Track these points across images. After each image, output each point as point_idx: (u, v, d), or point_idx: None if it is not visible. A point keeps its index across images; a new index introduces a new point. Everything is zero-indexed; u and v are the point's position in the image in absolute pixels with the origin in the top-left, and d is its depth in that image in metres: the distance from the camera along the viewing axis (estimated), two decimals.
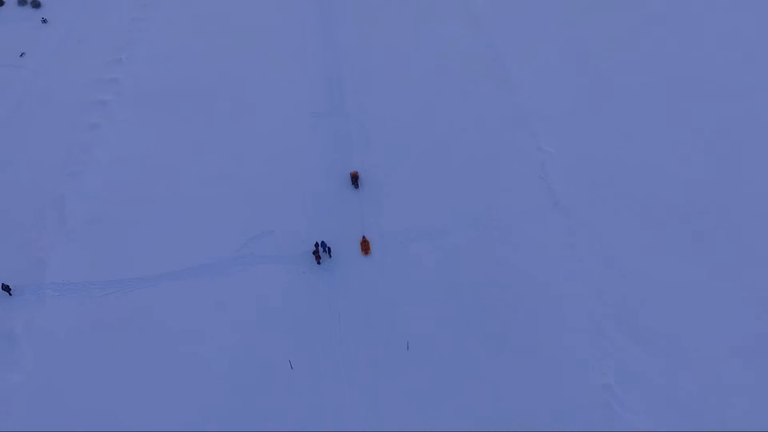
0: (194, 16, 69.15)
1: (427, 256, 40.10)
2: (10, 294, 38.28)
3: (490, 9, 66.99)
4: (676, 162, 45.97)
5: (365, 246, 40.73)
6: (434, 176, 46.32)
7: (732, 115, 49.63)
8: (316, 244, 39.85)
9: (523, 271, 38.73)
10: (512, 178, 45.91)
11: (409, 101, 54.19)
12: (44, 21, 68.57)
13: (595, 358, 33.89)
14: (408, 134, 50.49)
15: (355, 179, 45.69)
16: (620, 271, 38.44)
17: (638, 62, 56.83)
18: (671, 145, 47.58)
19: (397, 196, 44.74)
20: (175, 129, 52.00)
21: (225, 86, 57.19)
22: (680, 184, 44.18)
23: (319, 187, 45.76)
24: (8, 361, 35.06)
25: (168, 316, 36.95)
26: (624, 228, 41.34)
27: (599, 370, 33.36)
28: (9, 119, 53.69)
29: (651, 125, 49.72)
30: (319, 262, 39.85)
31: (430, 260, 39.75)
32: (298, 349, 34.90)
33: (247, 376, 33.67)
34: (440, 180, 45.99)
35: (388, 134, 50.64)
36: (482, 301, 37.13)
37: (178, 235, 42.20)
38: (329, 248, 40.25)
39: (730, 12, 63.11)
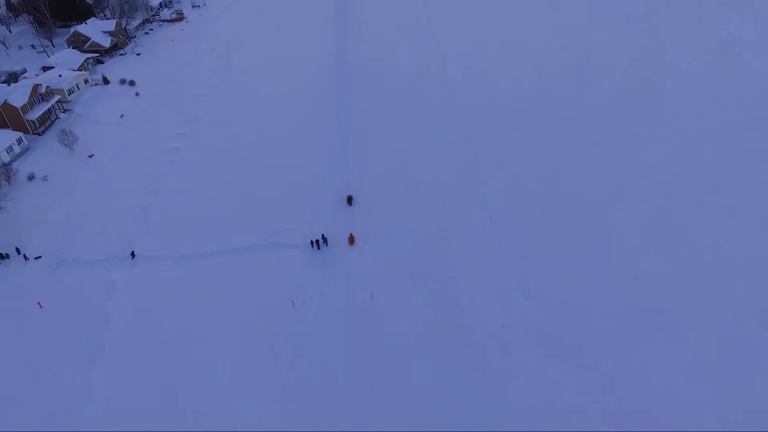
0: (239, 93, 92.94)
1: (393, 247, 57.73)
2: (133, 257, 57.65)
3: (466, 99, 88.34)
4: (585, 191, 63.46)
5: (351, 239, 58.76)
6: (407, 198, 64.84)
7: (631, 157, 67.47)
8: (318, 238, 58.19)
9: (459, 255, 55.85)
10: (462, 201, 63.99)
11: (395, 150, 74.05)
12: (137, 94, 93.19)
13: (499, 308, 50.07)
14: (391, 172, 69.77)
15: (349, 199, 64.58)
16: (528, 260, 55.09)
17: (561, 119, 76.19)
18: (584, 179, 65.28)
19: (378, 211, 63.15)
20: (222, 165, 72.92)
21: (259, 137, 78.62)
22: (585, 204, 61.43)
23: (326, 204, 64.71)
24: (109, 296, 53.58)
25: (209, 277, 55.18)
26: (537, 234, 58.35)
27: (501, 316, 49.43)
28: (113, 157, 75.84)
29: (570, 165, 67.81)
30: (318, 248, 57.94)
31: (394, 249, 57.32)
32: (299, 296, 52.27)
33: (258, 313, 50.95)
34: (411, 201, 64.40)
35: (377, 172, 70.02)
36: (429, 272, 54.17)
37: (224, 230, 61.28)
38: (326, 239, 58.48)
39: (628, 71, 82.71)
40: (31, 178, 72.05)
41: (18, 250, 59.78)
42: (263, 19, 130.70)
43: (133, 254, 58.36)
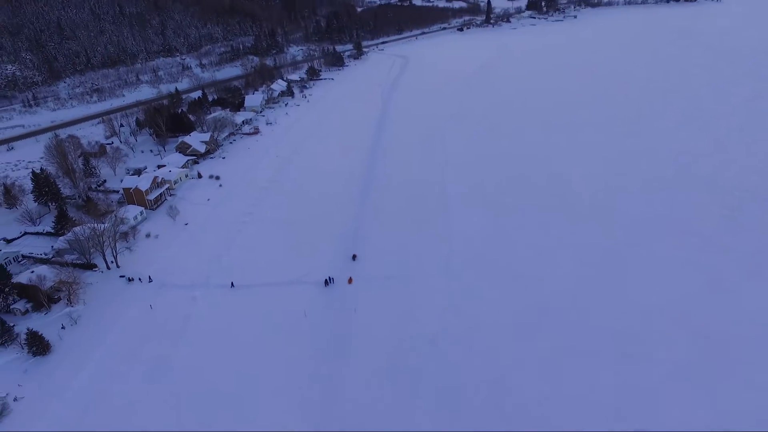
0: (292, 187, 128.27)
1: (375, 285, 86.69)
2: (233, 286, 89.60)
3: (453, 195, 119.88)
4: (528, 252, 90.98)
5: (350, 280, 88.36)
6: (393, 258, 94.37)
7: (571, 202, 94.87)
8: (328, 278, 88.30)
9: (420, 291, 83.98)
10: (430, 259, 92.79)
11: (394, 227, 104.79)
12: (220, 185, 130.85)
13: (439, 324, 77.10)
14: (386, 241, 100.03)
15: (354, 257, 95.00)
16: (462, 286, 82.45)
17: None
18: (519, 238, 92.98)
19: (371, 264, 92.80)
20: (273, 232, 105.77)
21: (301, 217, 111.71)
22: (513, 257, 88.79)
23: (339, 258, 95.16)
24: (191, 304, 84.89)
25: (255, 298, 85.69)
26: (469, 279, 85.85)
27: (439, 330, 76.40)
28: (201, 225, 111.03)
29: (518, 228, 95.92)
30: (327, 285, 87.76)
31: (376, 287, 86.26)
32: (311, 310, 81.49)
33: (284, 318, 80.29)
34: (395, 259, 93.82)
35: (376, 241, 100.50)
36: (395, 299, 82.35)
37: (271, 271, 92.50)
38: (333, 279, 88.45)
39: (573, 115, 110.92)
40: (147, 235, 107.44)
41: (140, 278, 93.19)
42: (318, 136, 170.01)
43: (232, 284, 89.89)
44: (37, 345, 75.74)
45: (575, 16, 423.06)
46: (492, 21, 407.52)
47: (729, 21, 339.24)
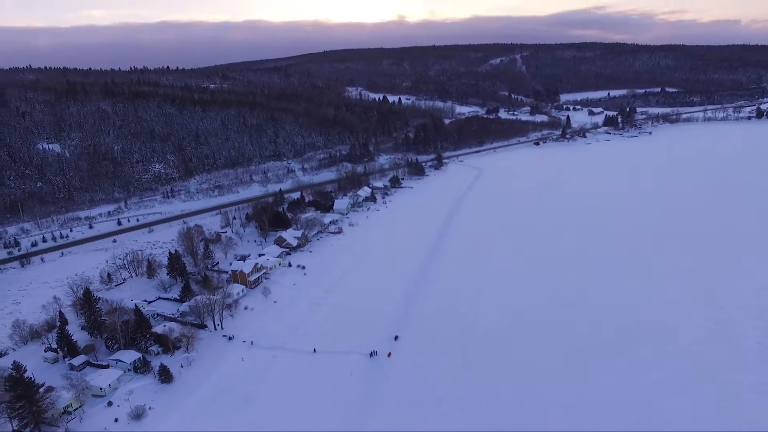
0: (361, 279, 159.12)
1: (409, 358, 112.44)
2: (397, 339, 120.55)
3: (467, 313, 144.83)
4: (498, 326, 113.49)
5: (389, 354, 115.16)
6: (425, 341, 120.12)
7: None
8: (372, 351, 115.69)
9: (438, 365, 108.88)
10: (450, 350, 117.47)
11: (431, 316, 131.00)
12: (305, 273, 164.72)
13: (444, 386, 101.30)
14: (424, 330, 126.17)
15: (396, 337, 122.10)
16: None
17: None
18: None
19: (409, 344, 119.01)
20: (339, 315, 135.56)
21: (360, 305, 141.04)
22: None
23: (384, 338, 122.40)
24: (271, 359, 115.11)
25: (322, 357, 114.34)
26: (482, 369, 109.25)
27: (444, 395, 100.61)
28: (287, 302, 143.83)
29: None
30: (371, 356, 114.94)
31: (409, 359, 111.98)
32: (355, 370, 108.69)
33: (338, 375, 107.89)
34: (426, 342, 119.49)
35: (417, 326, 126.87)
36: (420, 365, 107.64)
37: (333, 344, 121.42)
38: (377, 352, 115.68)
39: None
40: (245, 308, 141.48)
41: (237, 338, 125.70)
42: (388, 238, 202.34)
43: (314, 350, 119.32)
44: (165, 375, 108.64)
45: (650, 132, 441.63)
46: (568, 136, 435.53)
47: None
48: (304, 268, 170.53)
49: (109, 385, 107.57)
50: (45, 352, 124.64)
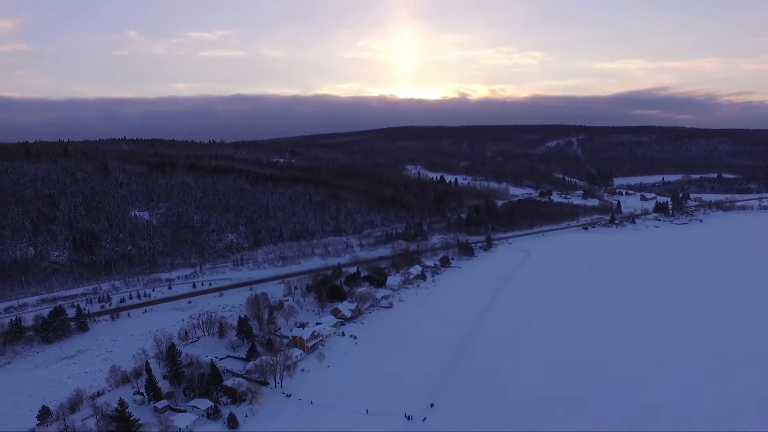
0: (407, 347, 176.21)
1: (444, 423, 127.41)
2: (432, 406, 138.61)
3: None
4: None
5: (425, 419, 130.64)
6: (454, 409, 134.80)
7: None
8: (409, 415, 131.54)
9: None
10: (476, 416, 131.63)
11: (461, 389, 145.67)
12: (356, 342, 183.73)
13: None
14: (456, 400, 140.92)
15: (431, 405, 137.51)
16: None
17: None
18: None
19: (442, 409, 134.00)
20: (384, 379, 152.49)
21: (412, 370, 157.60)
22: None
23: (422, 405, 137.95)
24: (320, 416, 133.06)
25: (356, 418, 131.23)
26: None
27: None
28: (341, 366, 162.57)
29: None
30: (408, 419, 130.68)
31: (444, 423, 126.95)
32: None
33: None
34: (455, 410, 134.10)
35: (450, 396, 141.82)
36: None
37: (371, 403, 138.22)
38: (411, 416, 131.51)
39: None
40: (302, 370, 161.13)
41: (293, 395, 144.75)
42: (435, 314, 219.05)
43: (367, 411, 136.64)
44: (233, 422, 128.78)
45: (701, 220, 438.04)
46: (617, 221, 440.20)
47: None
48: (355, 337, 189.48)
49: (187, 426, 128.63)
50: (134, 395, 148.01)
